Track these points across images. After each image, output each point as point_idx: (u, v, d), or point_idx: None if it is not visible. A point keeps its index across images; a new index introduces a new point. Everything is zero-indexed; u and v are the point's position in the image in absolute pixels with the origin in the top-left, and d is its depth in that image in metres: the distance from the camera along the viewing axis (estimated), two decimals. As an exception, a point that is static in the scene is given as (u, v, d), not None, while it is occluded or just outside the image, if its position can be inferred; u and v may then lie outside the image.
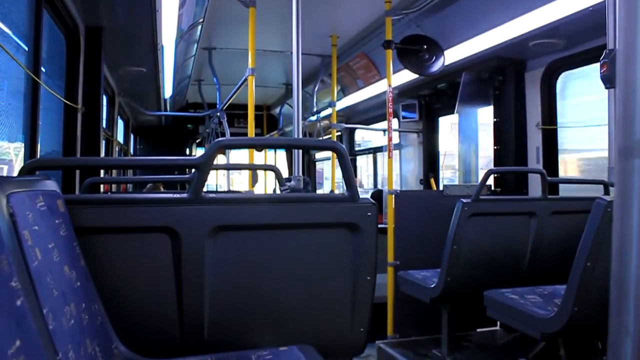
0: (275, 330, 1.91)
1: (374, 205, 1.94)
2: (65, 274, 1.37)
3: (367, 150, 8.98)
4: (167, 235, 1.74)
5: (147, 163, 2.82)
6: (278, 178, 3.60)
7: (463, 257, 3.19)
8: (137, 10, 3.90)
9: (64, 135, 4.05)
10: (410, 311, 4.00)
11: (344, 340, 1.98)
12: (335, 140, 7.46)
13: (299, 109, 3.08)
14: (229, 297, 1.82)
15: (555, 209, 3.37)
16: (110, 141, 6.67)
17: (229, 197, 2.02)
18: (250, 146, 3.75)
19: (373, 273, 1.95)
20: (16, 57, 2.75)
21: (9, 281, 1.00)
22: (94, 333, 1.46)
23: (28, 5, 3.00)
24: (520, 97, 4.62)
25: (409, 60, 4.63)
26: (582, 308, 2.37)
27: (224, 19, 5.26)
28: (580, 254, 2.35)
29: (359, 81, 6.88)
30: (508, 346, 3.85)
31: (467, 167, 5.32)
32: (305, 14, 3.20)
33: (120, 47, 4.82)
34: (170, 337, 1.78)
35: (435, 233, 3.54)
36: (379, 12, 4.51)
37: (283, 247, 1.89)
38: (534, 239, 3.36)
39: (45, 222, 1.34)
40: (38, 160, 2.32)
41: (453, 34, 4.72)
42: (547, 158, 4.46)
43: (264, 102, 10.32)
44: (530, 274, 3.36)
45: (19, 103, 2.95)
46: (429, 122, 6.39)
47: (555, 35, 3.92)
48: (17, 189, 1.23)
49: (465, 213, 3.16)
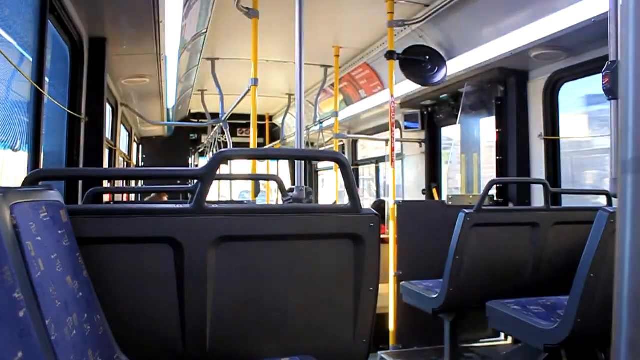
0: (278, 341, 1.90)
1: (377, 216, 1.93)
2: (68, 284, 1.37)
3: (369, 160, 8.98)
4: (170, 245, 1.74)
5: (149, 174, 2.83)
6: (280, 188, 3.60)
7: (466, 267, 3.19)
8: (140, 21, 3.92)
9: (67, 145, 4.06)
10: (412, 322, 3.98)
11: (346, 350, 1.97)
12: (338, 149, 7.48)
13: (301, 119, 3.09)
14: (231, 308, 1.82)
15: (558, 219, 3.37)
16: (113, 151, 6.68)
17: (231, 207, 2.01)
18: (252, 157, 3.75)
19: (375, 284, 1.94)
20: (20, 67, 2.77)
21: (11, 292, 1.00)
22: (96, 343, 1.46)
23: (33, 16, 3.01)
24: (522, 107, 4.62)
25: (411, 71, 4.64)
26: (585, 319, 2.36)
27: (227, 30, 5.29)
28: (583, 264, 2.34)
29: (361, 91, 6.90)
30: (511, 357, 3.83)
31: (469, 177, 5.31)
32: (307, 24, 3.21)
33: (123, 57, 4.84)
34: (172, 348, 1.77)
35: (437, 243, 3.53)
36: (381, 22, 4.53)
37: (285, 257, 1.89)
38: (537, 249, 3.34)
39: (48, 232, 1.34)
40: (41, 170, 2.33)
41: (455, 44, 4.73)
42: (550, 168, 4.45)
43: (266, 112, 10.35)
44: (533, 284, 3.35)
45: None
46: (431, 132, 6.40)
47: (557, 46, 3.92)
48: (21, 199, 1.23)
49: (468, 223, 3.16)
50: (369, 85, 6.64)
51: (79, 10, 3.73)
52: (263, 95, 7.38)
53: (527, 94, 4.64)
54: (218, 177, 3.59)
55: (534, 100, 4.57)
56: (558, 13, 3.59)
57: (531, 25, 3.86)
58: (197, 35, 5.31)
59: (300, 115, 3.09)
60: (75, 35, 3.90)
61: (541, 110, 4.48)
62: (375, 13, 4.59)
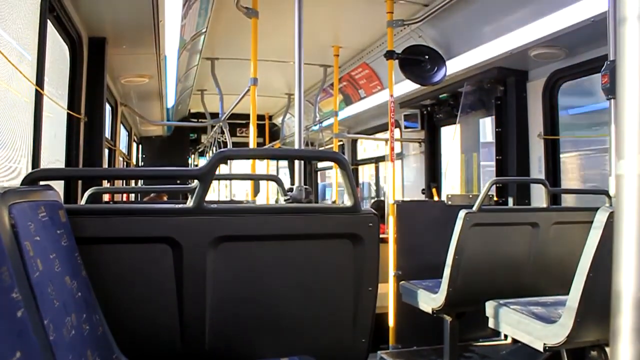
0: (277, 341, 1.90)
1: (376, 216, 1.93)
2: (67, 284, 1.37)
3: (369, 159, 8.98)
4: (169, 245, 1.74)
5: (148, 174, 2.83)
6: (280, 188, 3.60)
7: (465, 267, 3.18)
8: (140, 20, 3.92)
9: (67, 145, 4.06)
10: (412, 321, 3.98)
11: (346, 350, 1.97)
12: (337, 149, 7.48)
13: (301, 119, 3.09)
14: (230, 308, 1.82)
15: (557, 219, 3.37)
16: (113, 151, 6.69)
17: (230, 207, 2.01)
18: (252, 157, 3.76)
19: (375, 284, 1.94)
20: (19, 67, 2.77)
21: (9, 292, 1.00)
22: (94, 344, 1.46)
23: (32, 15, 3.01)
24: (522, 107, 4.62)
25: (411, 71, 4.65)
26: (585, 319, 2.36)
27: (226, 30, 5.29)
28: (582, 264, 2.34)
29: (361, 91, 6.90)
30: (511, 357, 3.83)
31: (469, 176, 5.32)
32: (307, 24, 3.21)
33: (123, 57, 4.85)
34: (171, 348, 1.77)
35: (437, 243, 3.53)
36: (381, 22, 4.53)
37: (285, 257, 1.89)
38: (537, 249, 3.34)
39: (46, 232, 1.34)
40: (40, 170, 2.32)
41: (455, 44, 4.73)
42: (549, 168, 4.45)
43: (266, 112, 10.35)
44: (532, 284, 3.35)
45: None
46: (430, 132, 6.40)
47: (556, 46, 3.92)
48: (19, 199, 1.23)
49: (468, 223, 3.16)
50: (369, 85, 6.64)
51: (79, 10, 3.74)
52: (262, 95, 7.38)
53: (526, 93, 4.64)
54: (217, 177, 3.61)
55: (533, 100, 4.58)
56: (557, 12, 3.59)
57: (530, 25, 3.86)
58: (197, 35, 5.31)
59: (299, 115, 3.09)
60: (74, 35, 3.90)
61: (540, 109, 4.48)
62: (374, 13, 4.59)
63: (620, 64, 0.94)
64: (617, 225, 0.95)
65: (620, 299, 0.95)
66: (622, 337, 0.94)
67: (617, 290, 0.95)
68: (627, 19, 0.93)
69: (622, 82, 0.94)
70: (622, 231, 0.95)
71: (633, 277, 0.93)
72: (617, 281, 0.95)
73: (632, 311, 0.93)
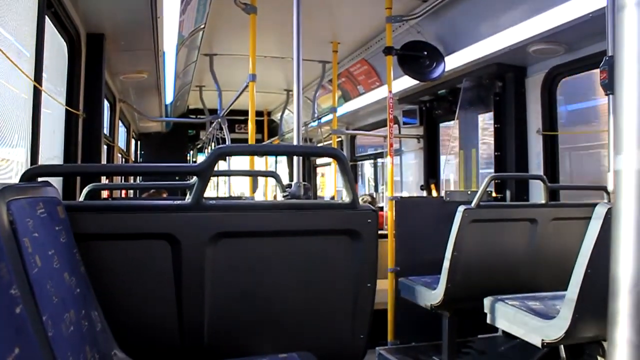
0: (275, 337, 1.91)
1: (374, 212, 1.93)
2: (65, 280, 1.37)
3: (368, 155, 8.98)
4: (167, 242, 1.74)
5: (147, 170, 2.83)
6: (279, 184, 3.60)
7: (464, 263, 3.19)
8: (138, 16, 3.91)
9: (65, 141, 4.06)
10: (410, 317, 3.99)
11: (344, 346, 1.97)
12: (336, 145, 7.48)
13: (299, 115, 3.08)
14: (228, 304, 1.82)
15: (556, 215, 3.37)
16: (111, 147, 6.68)
17: (229, 204, 2.01)
18: (250, 153, 3.75)
19: (373, 280, 1.95)
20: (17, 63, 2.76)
21: (8, 288, 1.00)
22: (93, 340, 1.46)
23: (30, 12, 3.00)
24: (520, 102, 4.62)
25: (410, 67, 4.64)
26: (583, 315, 2.36)
27: (225, 26, 5.28)
28: (580, 260, 2.34)
29: (359, 87, 6.90)
30: (509, 353, 3.84)
31: (467, 173, 5.32)
32: (305, 20, 3.21)
33: (121, 53, 4.84)
34: (169, 344, 1.77)
35: (435, 239, 3.53)
36: (380, 18, 4.53)
37: (283, 253, 1.89)
38: (535, 245, 3.35)
39: (45, 229, 1.34)
40: (39, 166, 2.32)
41: (453, 40, 4.73)
42: (548, 164, 4.46)
43: (264, 108, 10.34)
44: (531, 280, 3.35)
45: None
46: (429, 128, 6.40)
47: (555, 41, 3.92)
48: (18, 195, 1.23)
49: (466, 219, 3.16)
50: (367, 81, 6.63)
51: (77, 6, 3.73)
52: (261, 91, 7.37)
53: (525, 89, 4.64)
54: (216, 173, 3.61)
55: (532, 96, 4.58)
56: (556, 8, 3.59)
57: (529, 21, 3.85)
58: (195, 31, 5.30)
59: (298, 111, 3.08)
60: (72, 31, 3.89)
61: (539, 105, 4.48)
62: (373, 9, 4.58)
63: (618, 59, 0.94)
64: (616, 220, 0.96)
65: (618, 294, 0.95)
66: (619, 332, 0.94)
67: (615, 287, 0.95)
68: (624, 12, 0.93)
69: (620, 78, 0.94)
70: (621, 226, 0.95)
71: (631, 272, 0.93)
72: (615, 276, 0.95)
73: (630, 307, 0.93)
